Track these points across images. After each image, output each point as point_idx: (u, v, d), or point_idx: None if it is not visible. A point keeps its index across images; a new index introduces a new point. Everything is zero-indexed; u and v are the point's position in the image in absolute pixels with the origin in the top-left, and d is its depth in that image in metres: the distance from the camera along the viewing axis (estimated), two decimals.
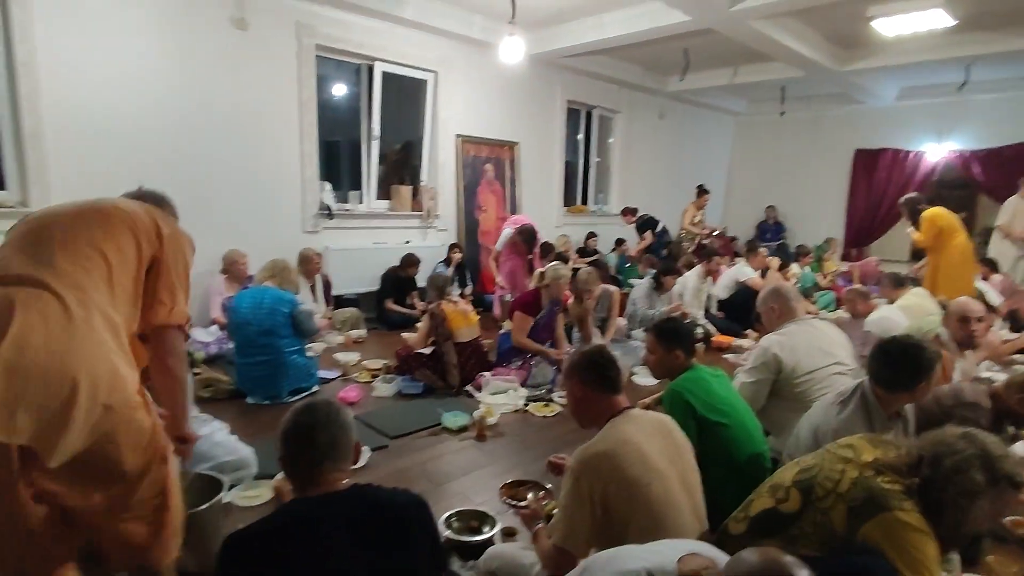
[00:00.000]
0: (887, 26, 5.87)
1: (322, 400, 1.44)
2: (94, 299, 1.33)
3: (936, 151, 8.84)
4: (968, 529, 1.41)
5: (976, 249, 10.54)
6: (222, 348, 4.30)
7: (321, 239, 5.57)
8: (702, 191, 7.94)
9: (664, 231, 7.97)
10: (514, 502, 2.39)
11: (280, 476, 2.55)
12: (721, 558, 1.31)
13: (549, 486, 2.40)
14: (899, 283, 4.79)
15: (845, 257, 9.37)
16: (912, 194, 6.96)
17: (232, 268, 4.64)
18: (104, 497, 1.29)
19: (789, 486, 1.61)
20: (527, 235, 5.82)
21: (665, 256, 7.58)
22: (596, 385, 1.85)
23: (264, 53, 5.01)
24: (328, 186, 5.62)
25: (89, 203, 1.53)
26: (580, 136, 8.58)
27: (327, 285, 5.38)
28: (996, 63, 6.89)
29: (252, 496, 2.49)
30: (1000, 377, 2.68)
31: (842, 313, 6.54)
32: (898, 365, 1.99)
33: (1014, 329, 4.24)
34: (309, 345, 3.95)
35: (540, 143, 7.58)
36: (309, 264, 5.01)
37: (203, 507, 1.87)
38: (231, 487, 2.48)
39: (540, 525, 1.97)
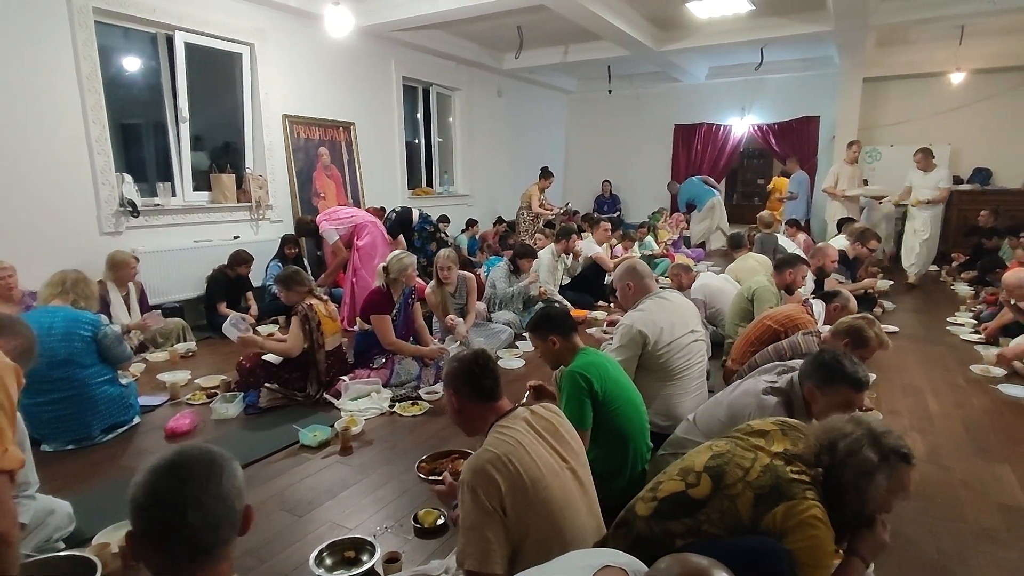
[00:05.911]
0: (700, 8, 6.39)
1: (195, 451, 0.95)
2: None
3: (740, 125, 9.90)
4: (869, 509, 1.46)
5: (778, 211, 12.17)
6: None
7: (126, 240, 4.74)
8: (547, 173, 8.06)
9: (424, 229, 6.05)
10: (433, 479, 2.20)
11: (103, 535, 2.09)
12: (633, 564, 1.24)
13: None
14: (738, 243, 5.21)
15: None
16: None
17: None
18: None
19: (700, 471, 1.57)
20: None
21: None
22: (474, 396, 1.73)
23: (21, 16, 4.06)
24: (129, 178, 4.77)
25: None
26: (419, 115, 8.28)
27: (141, 294, 4.60)
28: (784, 46, 7.82)
29: None
30: (826, 329, 2.97)
31: None
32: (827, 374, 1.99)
33: (818, 283, 4.83)
34: (123, 371, 3.29)
35: (378, 123, 7.17)
36: (123, 269, 4.23)
37: None
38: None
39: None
